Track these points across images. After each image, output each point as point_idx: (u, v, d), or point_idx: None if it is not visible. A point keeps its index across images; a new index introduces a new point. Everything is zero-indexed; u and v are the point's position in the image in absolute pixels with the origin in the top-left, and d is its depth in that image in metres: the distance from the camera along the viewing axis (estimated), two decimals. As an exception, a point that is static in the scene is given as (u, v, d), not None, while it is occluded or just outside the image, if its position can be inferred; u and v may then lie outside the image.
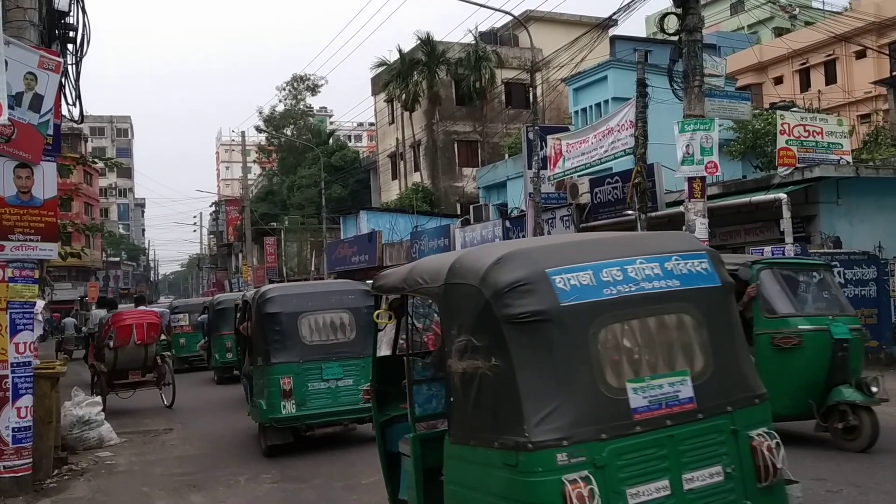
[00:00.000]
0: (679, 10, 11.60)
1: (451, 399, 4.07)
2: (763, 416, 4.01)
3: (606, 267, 3.85)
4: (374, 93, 42.70)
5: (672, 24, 11.71)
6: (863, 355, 8.72)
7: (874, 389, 7.95)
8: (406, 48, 37.63)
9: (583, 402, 3.61)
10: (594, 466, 3.48)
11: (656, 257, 4.02)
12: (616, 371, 3.75)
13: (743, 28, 39.89)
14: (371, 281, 6.66)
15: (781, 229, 14.13)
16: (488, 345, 3.78)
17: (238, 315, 11.25)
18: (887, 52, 30.59)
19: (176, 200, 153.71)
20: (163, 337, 15.23)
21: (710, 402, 3.82)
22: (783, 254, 13.14)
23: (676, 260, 4.04)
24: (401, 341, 5.64)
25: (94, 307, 25.58)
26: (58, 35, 9.85)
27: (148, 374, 13.99)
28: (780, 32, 38.70)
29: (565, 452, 3.47)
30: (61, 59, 8.80)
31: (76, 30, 10.00)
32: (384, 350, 5.94)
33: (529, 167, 20.14)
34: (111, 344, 13.43)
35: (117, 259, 71.75)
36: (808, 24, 30.05)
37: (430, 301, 4.72)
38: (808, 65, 35.07)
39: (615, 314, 3.81)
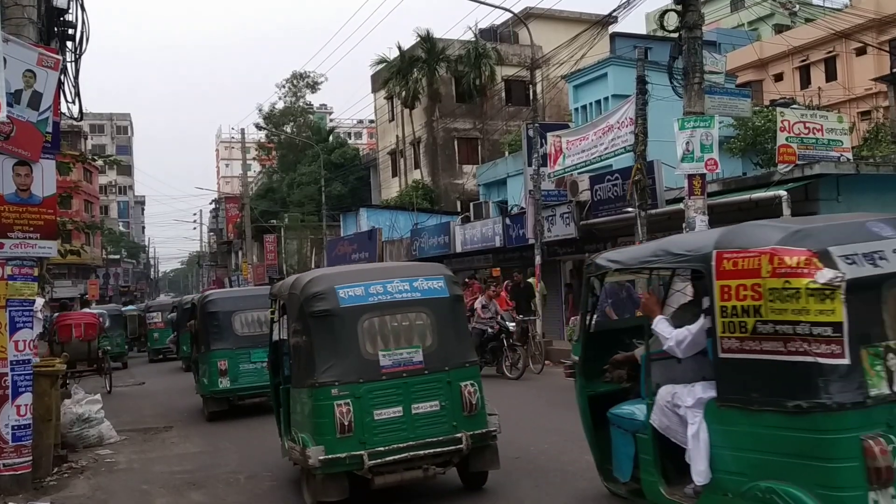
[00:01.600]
0: (679, 7, 11.57)
1: (291, 362, 7.09)
2: (471, 374, 6.70)
3: (373, 284, 6.58)
4: (374, 90, 42.60)
5: (672, 21, 11.68)
6: None
7: None
8: (406, 45, 37.60)
9: (350, 362, 6.33)
10: (354, 397, 6.21)
11: (408, 279, 6.70)
12: (373, 344, 6.48)
13: (743, 25, 39.81)
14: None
15: (782, 226, 14.06)
16: (302, 328, 6.60)
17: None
18: (887, 48, 30.52)
19: (176, 198, 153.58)
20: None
21: (433, 364, 6.52)
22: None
23: (421, 280, 6.73)
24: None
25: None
26: (57, 32, 9.85)
27: (92, 365, 16.83)
28: (780, 29, 38.70)
29: (336, 388, 6.20)
30: (60, 57, 8.78)
31: (75, 27, 9.99)
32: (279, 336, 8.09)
33: (529, 164, 20.09)
34: (57, 339, 15.95)
35: (117, 257, 71.69)
36: (808, 20, 30.06)
37: (283, 302, 7.39)
38: (808, 62, 35.03)
39: (375, 312, 6.53)
